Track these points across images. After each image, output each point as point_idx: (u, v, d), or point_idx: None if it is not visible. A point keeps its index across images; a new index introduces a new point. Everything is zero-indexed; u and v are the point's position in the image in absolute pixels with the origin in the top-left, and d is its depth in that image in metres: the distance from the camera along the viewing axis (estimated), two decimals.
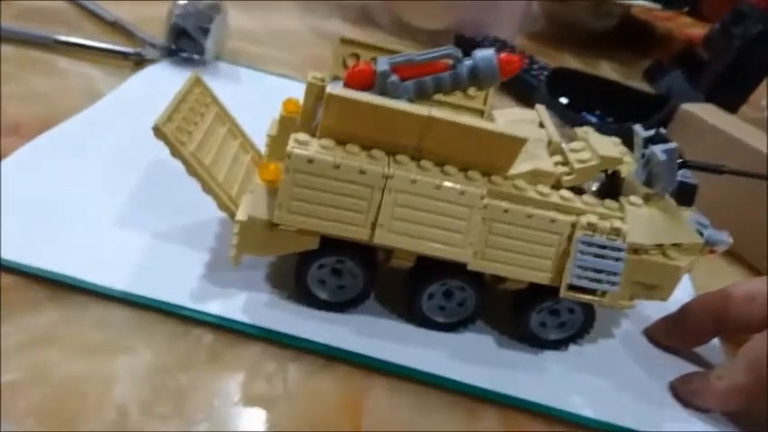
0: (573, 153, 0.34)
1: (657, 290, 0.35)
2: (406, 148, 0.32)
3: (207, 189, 0.34)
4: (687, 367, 0.38)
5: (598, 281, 0.32)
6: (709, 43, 0.78)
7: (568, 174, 0.34)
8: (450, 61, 0.33)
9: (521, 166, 0.33)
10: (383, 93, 0.33)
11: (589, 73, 0.68)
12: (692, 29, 1.14)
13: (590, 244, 0.32)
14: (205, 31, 0.56)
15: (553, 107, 0.61)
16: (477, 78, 0.33)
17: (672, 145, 0.33)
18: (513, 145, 0.31)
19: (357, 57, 0.38)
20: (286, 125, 0.40)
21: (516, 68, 0.33)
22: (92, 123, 0.46)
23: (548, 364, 0.36)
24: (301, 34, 0.75)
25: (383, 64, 0.33)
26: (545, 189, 0.33)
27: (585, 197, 0.33)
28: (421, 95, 0.34)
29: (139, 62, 0.57)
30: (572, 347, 0.37)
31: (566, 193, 0.33)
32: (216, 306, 0.34)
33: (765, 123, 0.83)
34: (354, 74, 0.34)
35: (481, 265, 0.33)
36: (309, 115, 0.39)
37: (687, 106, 0.55)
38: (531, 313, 0.35)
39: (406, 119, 0.30)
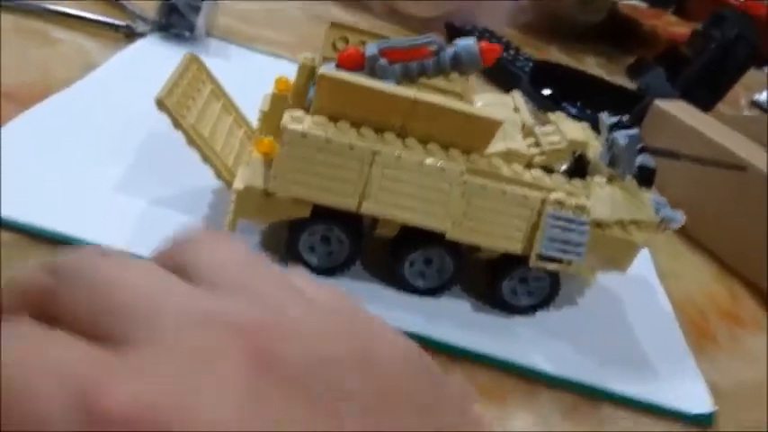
0: (544, 136, 0.38)
1: (616, 262, 0.38)
2: (393, 126, 0.35)
3: (205, 159, 0.36)
4: (642, 335, 0.42)
5: (565, 251, 0.36)
6: (691, 43, 0.81)
7: (540, 154, 0.37)
8: (434, 47, 0.36)
9: (497, 145, 0.36)
10: (372, 74, 0.36)
11: (571, 67, 0.72)
12: (676, 27, 1.17)
13: (558, 218, 0.35)
14: (196, 9, 0.58)
15: (535, 98, 0.65)
16: (459, 64, 0.36)
17: (633, 131, 0.36)
18: (491, 126, 0.34)
19: (346, 40, 0.40)
20: (277, 102, 0.42)
21: (495, 56, 0.36)
22: (87, 94, 0.48)
23: (517, 327, 0.39)
24: (295, 15, 0.77)
25: (372, 48, 0.36)
26: (518, 168, 0.36)
27: (555, 176, 0.36)
28: (406, 78, 0.37)
29: (130, 35, 0.58)
30: (539, 313, 0.41)
31: (537, 172, 0.36)
32: None
33: (741, 120, 0.86)
34: (345, 56, 0.36)
35: (458, 235, 0.36)
36: (300, 93, 0.41)
37: (660, 103, 0.58)
38: (503, 281, 0.39)
39: (393, 100, 0.33)
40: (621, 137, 0.36)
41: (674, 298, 0.48)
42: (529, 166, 0.37)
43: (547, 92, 0.68)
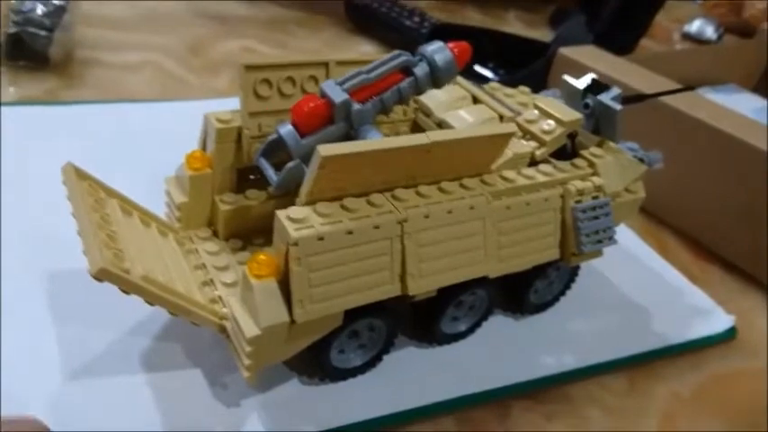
0: (531, 124, 0.34)
1: (625, 219, 0.37)
2: (399, 179, 0.28)
3: (180, 312, 0.26)
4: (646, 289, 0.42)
5: (600, 240, 0.33)
6: None
7: (539, 147, 0.33)
8: (403, 64, 0.29)
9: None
10: (347, 123, 0.28)
11: (472, 26, 0.65)
12: None
13: (583, 210, 0.33)
14: (46, 39, 0.48)
15: None
16: (437, 78, 0.30)
17: (616, 91, 0.34)
18: (505, 141, 0.29)
19: (269, 83, 0.31)
20: (198, 185, 0.32)
21: (468, 56, 0.31)
22: None
23: (538, 338, 0.36)
24: (171, 13, 0.64)
25: (337, 92, 0.28)
26: (529, 171, 0.32)
27: (560, 164, 0.33)
28: (382, 113, 0.30)
29: None
30: (559, 312, 0.38)
31: (543, 167, 0.33)
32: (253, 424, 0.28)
33: (662, 56, 0.79)
34: (306, 113, 0.28)
35: (499, 270, 0.31)
36: (227, 169, 0.32)
37: (564, 50, 0.55)
38: (531, 289, 0.36)
39: (406, 153, 0.26)
40: (611, 102, 0.33)
41: None
42: (533, 162, 0.33)
43: None
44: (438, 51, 0.30)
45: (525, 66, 0.59)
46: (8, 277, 0.32)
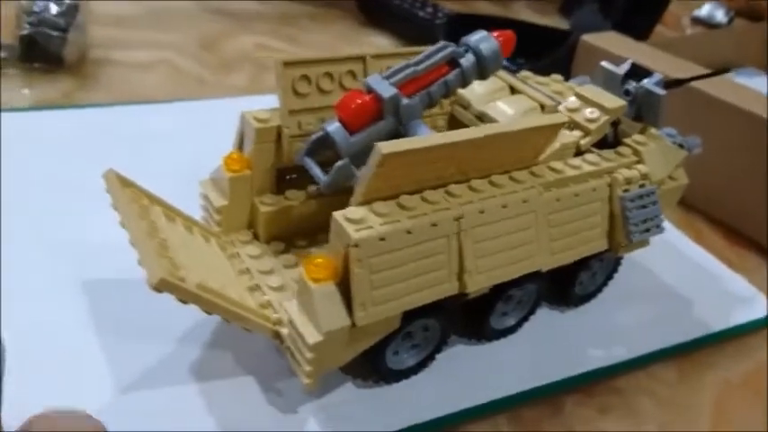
0: (574, 113, 0.33)
1: (669, 206, 0.36)
2: (451, 175, 0.27)
3: (235, 319, 0.25)
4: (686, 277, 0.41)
5: (648, 229, 0.33)
6: None
7: (584, 137, 0.32)
8: (449, 56, 0.29)
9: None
10: (397, 119, 0.27)
11: (486, 15, 0.64)
12: None
13: (632, 199, 0.32)
14: (61, 40, 0.47)
15: None
16: (483, 68, 0.29)
17: (658, 76, 0.33)
18: (554, 132, 0.29)
19: (308, 79, 0.30)
20: (238, 187, 0.31)
21: (513, 44, 0.30)
22: None
23: (583, 330, 0.35)
24: (180, 9, 0.63)
25: (386, 87, 0.27)
26: (576, 161, 0.31)
27: (605, 153, 0.33)
28: (429, 107, 0.29)
29: None
30: (602, 306, 0.37)
31: (589, 157, 0.32)
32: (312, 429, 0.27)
33: (677, 42, 0.74)
34: (355, 110, 0.27)
35: (551, 263, 0.31)
36: (267, 170, 0.31)
37: (587, 37, 0.53)
38: (576, 281, 0.35)
39: (462, 147, 0.25)
40: (654, 87, 0.32)
41: None
42: (577, 152, 0.32)
43: None
44: (483, 41, 0.29)
45: (543, 54, 0.58)
46: (41, 288, 0.31)
